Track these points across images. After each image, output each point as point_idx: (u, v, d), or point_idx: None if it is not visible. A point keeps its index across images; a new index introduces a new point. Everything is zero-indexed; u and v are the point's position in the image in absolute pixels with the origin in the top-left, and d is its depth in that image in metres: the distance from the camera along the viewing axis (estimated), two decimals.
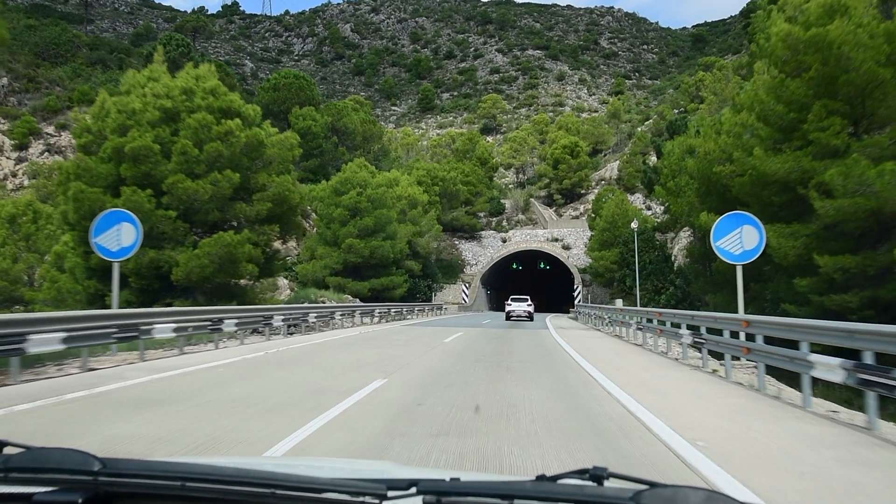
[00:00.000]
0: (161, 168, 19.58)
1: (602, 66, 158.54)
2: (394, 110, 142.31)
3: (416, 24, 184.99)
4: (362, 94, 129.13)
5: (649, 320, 16.62)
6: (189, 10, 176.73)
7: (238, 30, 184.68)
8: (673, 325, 14.36)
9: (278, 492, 1.14)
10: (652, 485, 1.05)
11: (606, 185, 70.27)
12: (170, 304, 19.23)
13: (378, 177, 45.38)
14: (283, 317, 16.98)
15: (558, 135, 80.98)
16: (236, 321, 14.12)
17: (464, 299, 57.31)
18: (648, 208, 64.85)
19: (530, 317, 35.27)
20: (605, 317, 23.12)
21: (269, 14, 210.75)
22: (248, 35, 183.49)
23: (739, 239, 12.18)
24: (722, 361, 12.47)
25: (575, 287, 58.17)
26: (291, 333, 19.05)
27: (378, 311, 27.57)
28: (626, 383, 8.83)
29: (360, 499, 1.13)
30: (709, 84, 76.92)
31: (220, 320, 13.39)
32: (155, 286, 19.82)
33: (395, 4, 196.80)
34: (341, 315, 22.35)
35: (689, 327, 12.83)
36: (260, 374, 9.49)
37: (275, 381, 8.56)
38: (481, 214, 70.18)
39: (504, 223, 71.27)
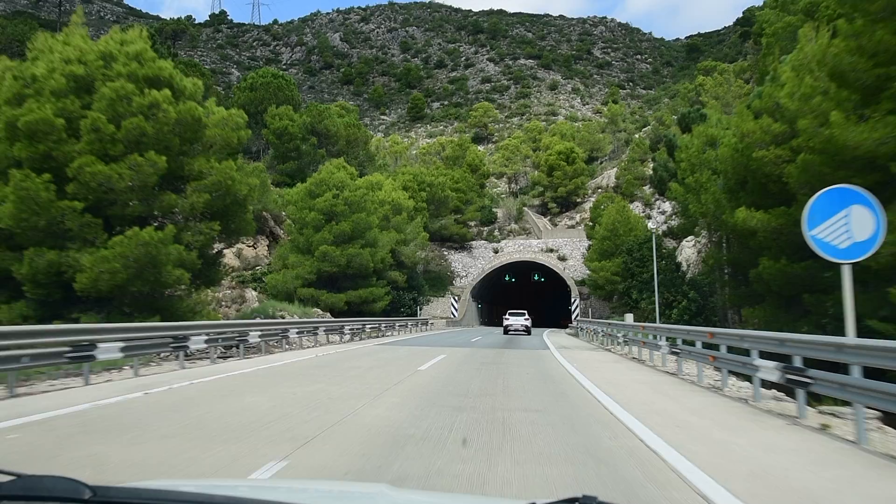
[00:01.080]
0: (66, 148, 15.53)
1: (595, 76, 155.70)
2: (383, 119, 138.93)
3: (407, 34, 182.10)
4: (351, 102, 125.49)
5: (690, 343, 12.67)
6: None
7: (225, 39, 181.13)
8: (731, 350, 10.42)
9: None
10: None
11: (604, 193, 66.51)
12: (76, 320, 15.16)
13: (359, 180, 41.50)
14: (206, 337, 12.88)
15: (553, 141, 77.26)
16: (122, 345, 10.05)
17: (453, 313, 53.25)
18: (649, 217, 61.22)
19: (528, 331, 36.12)
20: (619, 335, 19.11)
21: (257, 23, 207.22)
22: (236, 44, 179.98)
23: (846, 225, 8.25)
24: (822, 408, 8.53)
25: (572, 300, 54.26)
26: (226, 357, 14.97)
27: (349, 327, 23.39)
28: (726, 472, 4.83)
29: None
30: (710, 88, 73.60)
31: (92, 344, 9.32)
32: (56, 297, 15.70)
33: (385, 14, 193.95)
34: (297, 333, 18.23)
35: (763, 355, 8.90)
36: (71, 446, 5.43)
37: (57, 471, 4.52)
38: (472, 223, 66.19)
39: (496, 233, 67.34)
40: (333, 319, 24.80)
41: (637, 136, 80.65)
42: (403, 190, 49.76)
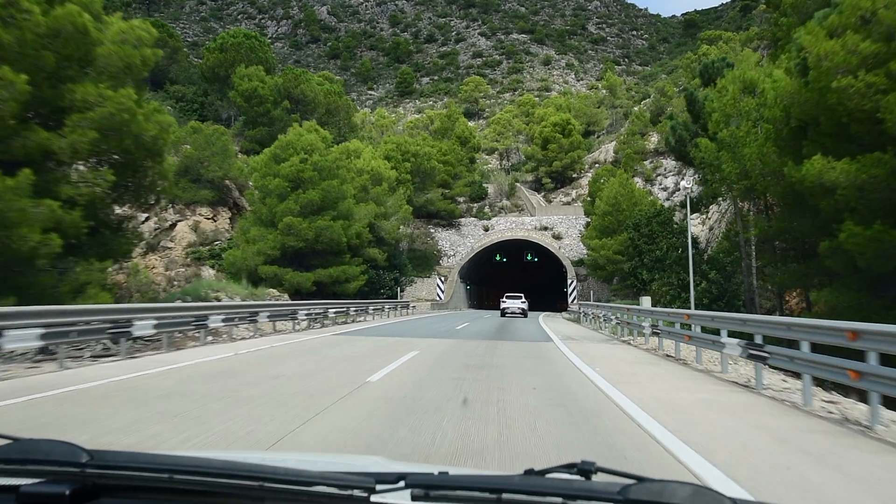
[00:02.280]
0: None
1: (590, 52, 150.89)
2: (370, 94, 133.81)
3: (396, 7, 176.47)
4: (337, 76, 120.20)
5: (778, 342, 8.31)
6: None
7: (209, 11, 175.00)
8: (888, 362, 6.10)
9: (267, 484, 1.10)
10: (640, 479, 1.04)
11: (602, 167, 62.06)
12: None
13: (334, 147, 36.93)
14: (42, 330, 8.45)
15: (548, 112, 72.55)
16: None
17: (438, 295, 48.90)
18: (650, 193, 57.02)
19: (524, 314, 36.23)
20: (645, 324, 14.78)
21: None
22: (220, 17, 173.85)
23: None
24: None
25: (568, 282, 50.05)
26: (100, 357, 10.56)
27: (304, 311, 18.90)
28: None
29: (349, 492, 1.11)
30: (714, 58, 69.04)
31: None
32: None
33: None
34: (224, 320, 13.78)
35: None
36: None
37: None
38: (460, 199, 61.64)
39: (486, 209, 62.83)
40: (281, 303, 20.25)
41: (636, 108, 76.17)
42: (386, 160, 45.13)
